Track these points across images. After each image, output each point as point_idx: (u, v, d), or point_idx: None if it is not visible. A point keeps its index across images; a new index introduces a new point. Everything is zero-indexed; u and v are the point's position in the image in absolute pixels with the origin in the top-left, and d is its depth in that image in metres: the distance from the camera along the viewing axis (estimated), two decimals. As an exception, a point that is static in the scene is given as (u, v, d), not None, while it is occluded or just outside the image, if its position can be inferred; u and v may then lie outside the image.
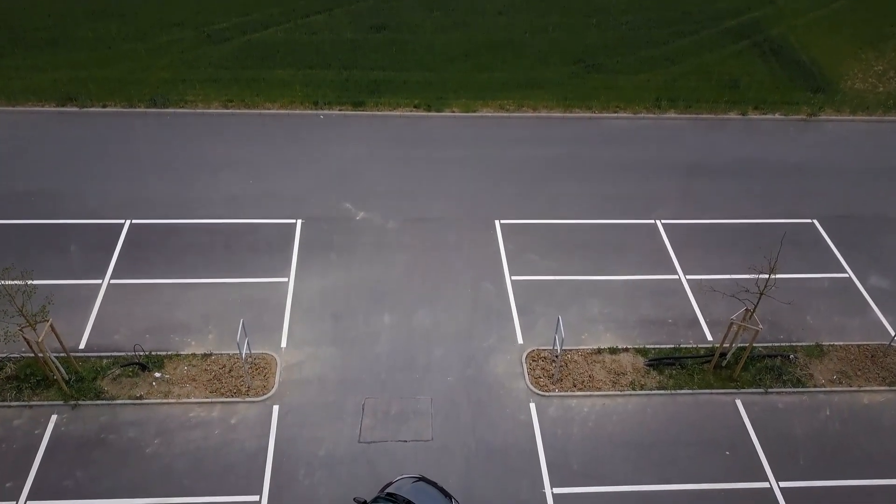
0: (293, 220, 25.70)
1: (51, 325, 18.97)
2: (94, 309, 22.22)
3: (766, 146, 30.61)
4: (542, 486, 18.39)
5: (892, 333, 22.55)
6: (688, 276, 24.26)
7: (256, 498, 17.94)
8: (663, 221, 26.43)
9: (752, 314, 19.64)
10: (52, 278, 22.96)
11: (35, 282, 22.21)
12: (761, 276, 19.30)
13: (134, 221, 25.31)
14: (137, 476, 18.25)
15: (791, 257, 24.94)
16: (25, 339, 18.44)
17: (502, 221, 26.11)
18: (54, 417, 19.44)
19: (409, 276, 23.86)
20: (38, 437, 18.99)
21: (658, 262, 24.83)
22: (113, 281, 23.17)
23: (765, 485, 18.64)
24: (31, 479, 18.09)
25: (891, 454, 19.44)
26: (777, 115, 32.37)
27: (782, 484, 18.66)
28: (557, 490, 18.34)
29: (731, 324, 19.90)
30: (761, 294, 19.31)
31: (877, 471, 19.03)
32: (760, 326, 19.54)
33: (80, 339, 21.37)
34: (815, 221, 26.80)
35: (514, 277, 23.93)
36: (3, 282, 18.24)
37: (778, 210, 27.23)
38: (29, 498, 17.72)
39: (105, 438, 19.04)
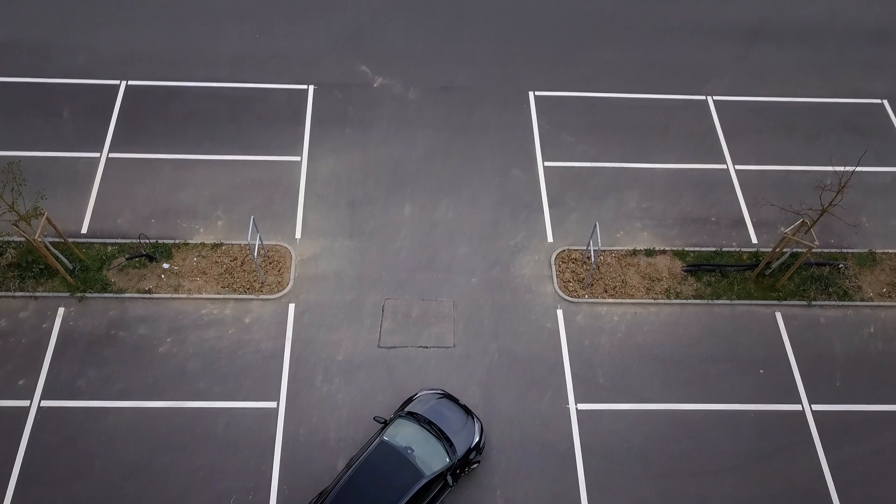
0: (304, 86, 23.22)
1: (47, 219, 17.55)
2: (94, 188, 20.65)
3: (839, 3, 26.81)
4: (567, 402, 17.85)
5: (953, 241, 20.89)
6: (737, 167, 22.14)
7: (273, 405, 17.55)
8: (715, 98, 23.74)
9: (809, 229, 17.89)
10: (45, 149, 21.23)
11: (28, 153, 20.74)
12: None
13: (130, 83, 22.94)
14: (150, 377, 17.77)
15: (851, 145, 22.70)
16: (22, 233, 17.12)
17: (537, 93, 23.52)
18: (61, 310, 18.66)
19: (432, 158, 21.86)
20: (46, 332, 18.33)
21: (706, 147, 22.57)
22: (112, 155, 21.37)
23: (797, 407, 18.02)
24: (43, 377, 17.66)
25: (932, 377, 18.63)
26: (857, -36, 28.09)
27: (815, 407, 18.03)
28: (582, 406, 17.82)
29: (784, 237, 18.22)
30: (823, 211, 17.43)
31: (915, 395, 18.33)
32: (816, 243, 17.86)
33: (81, 224, 20.04)
34: (885, 102, 23.99)
35: (546, 164, 21.90)
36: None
37: (845, 86, 24.31)
38: (43, 398, 17.39)
39: (115, 335, 18.36)
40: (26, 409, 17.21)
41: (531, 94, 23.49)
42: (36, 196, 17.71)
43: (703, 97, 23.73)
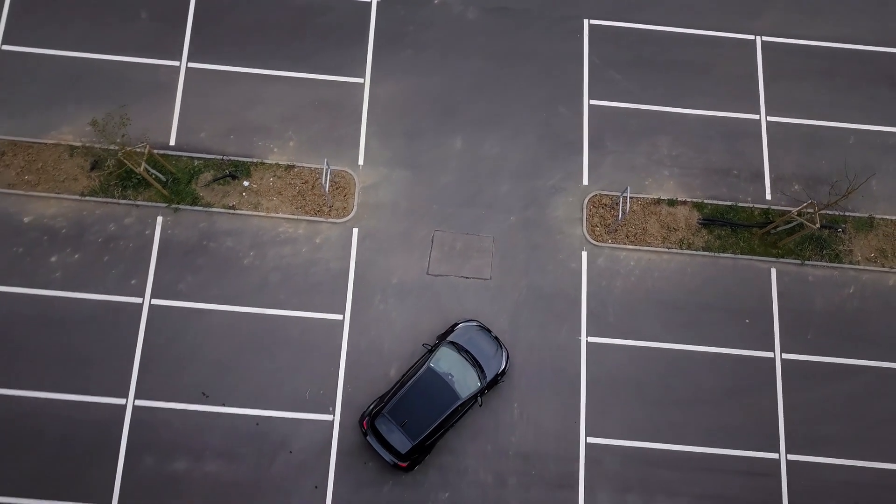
0: (368, -1, 24.07)
1: (149, 149, 20.06)
2: (177, 100, 22.72)
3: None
4: (580, 335, 21.56)
5: (949, 211, 23.01)
6: (769, 118, 23.64)
7: (340, 317, 21.37)
8: (764, 38, 24.41)
9: (817, 213, 20.20)
10: (126, 54, 22.92)
11: (108, 56, 22.61)
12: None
13: (200, -17, 23.85)
14: (238, 285, 21.39)
15: (884, 101, 23.91)
16: (128, 164, 19.78)
17: (592, 21, 24.25)
18: (160, 219, 21.83)
19: (483, 89, 23.33)
20: (149, 238, 21.68)
21: (743, 93, 23.83)
22: (190, 65, 23.09)
23: (769, 354, 21.69)
24: (150, 278, 21.34)
25: None
26: None
27: (785, 356, 21.69)
28: (592, 339, 21.55)
29: (791, 214, 20.59)
30: (828, 205, 19.66)
31: (878, 353, 21.62)
32: (818, 226, 20.26)
33: (169, 137, 22.45)
34: (930, 54, 24.65)
35: (592, 102, 23.47)
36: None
37: (893, 31, 24.74)
38: (153, 296, 21.22)
39: (207, 246, 21.71)
40: (140, 306, 21.14)
41: (586, 21, 24.23)
42: (140, 138, 20.07)
43: (751, 37, 24.39)
